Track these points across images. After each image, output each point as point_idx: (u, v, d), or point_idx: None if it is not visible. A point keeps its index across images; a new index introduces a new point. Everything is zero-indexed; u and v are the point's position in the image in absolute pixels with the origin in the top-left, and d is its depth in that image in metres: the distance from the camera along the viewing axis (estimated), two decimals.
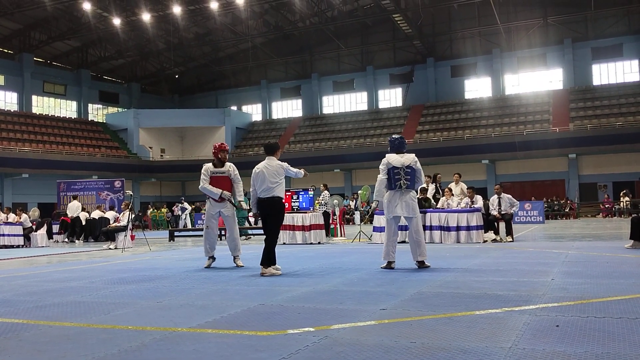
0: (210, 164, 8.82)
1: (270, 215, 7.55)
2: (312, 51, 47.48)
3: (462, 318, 4.14)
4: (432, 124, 41.02)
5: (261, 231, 19.46)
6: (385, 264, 7.63)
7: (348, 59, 47.19)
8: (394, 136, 8.09)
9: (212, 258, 8.81)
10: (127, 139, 45.02)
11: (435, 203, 13.73)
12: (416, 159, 7.72)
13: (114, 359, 3.32)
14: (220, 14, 38.90)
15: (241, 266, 8.50)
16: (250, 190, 7.76)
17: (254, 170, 7.71)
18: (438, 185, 14.84)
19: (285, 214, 14.53)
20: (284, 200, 7.79)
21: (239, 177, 8.89)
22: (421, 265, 7.54)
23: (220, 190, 8.57)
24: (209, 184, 8.63)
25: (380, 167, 7.77)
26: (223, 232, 19.60)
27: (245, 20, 40.76)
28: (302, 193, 14.66)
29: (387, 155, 7.82)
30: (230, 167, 8.81)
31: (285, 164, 7.77)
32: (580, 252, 9.35)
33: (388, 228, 7.71)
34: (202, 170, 8.75)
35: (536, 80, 41.66)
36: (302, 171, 8.12)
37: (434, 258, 9.03)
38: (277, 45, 46.80)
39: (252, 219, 27.72)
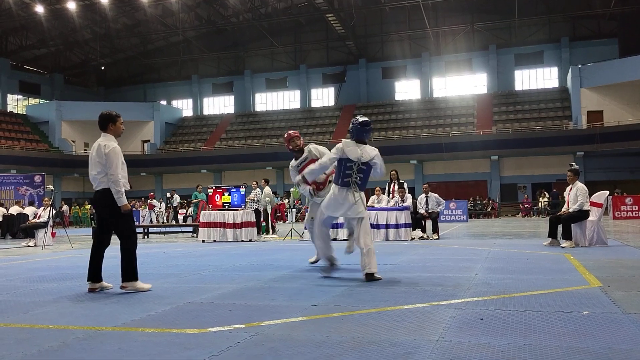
0: (292, 161, 7.49)
1: (110, 216, 5.65)
2: (245, 47, 47.06)
3: (391, 312, 4.22)
4: None
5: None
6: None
7: (281, 56, 47.11)
8: (357, 119, 6.29)
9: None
10: (49, 132, 43.03)
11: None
12: (376, 154, 6.15)
13: (33, 359, 3.15)
14: (150, 5, 37.88)
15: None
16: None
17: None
18: None
19: (216, 211, 14.43)
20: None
21: (323, 152, 7.13)
22: (370, 278, 5.95)
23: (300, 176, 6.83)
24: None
25: (332, 150, 6.27)
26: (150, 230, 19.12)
27: (176, 12, 39.89)
28: (234, 190, 14.50)
29: (343, 141, 6.18)
30: (309, 150, 7.33)
31: (109, 156, 5.47)
32: (502, 249, 9.74)
33: (322, 224, 6.46)
34: (290, 170, 7.56)
35: (462, 84, 43.17)
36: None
37: None
38: (210, 40, 46.08)
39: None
